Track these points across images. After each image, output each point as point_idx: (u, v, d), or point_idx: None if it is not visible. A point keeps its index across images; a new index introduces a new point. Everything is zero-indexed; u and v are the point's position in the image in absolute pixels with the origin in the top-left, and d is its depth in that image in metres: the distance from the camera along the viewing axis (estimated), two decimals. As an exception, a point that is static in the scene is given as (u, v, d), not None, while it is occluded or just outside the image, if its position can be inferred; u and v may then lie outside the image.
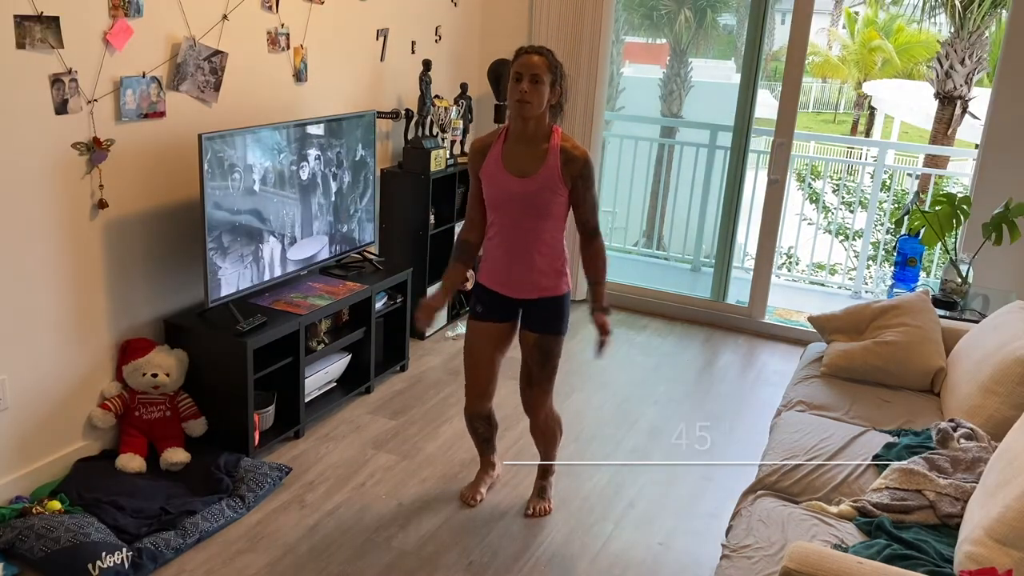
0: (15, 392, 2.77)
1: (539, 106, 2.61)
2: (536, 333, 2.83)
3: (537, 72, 2.58)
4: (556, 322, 2.83)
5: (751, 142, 4.93)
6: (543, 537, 2.88)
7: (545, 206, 2.68)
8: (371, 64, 4.20)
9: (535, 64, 2.58)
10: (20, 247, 2.70)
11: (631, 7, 10.55)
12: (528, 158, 2.67)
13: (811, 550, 1.87)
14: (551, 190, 2.66)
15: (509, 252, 2.76)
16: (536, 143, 2.67)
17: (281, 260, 3.42)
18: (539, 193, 2.66)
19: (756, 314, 4.92)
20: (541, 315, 2.82)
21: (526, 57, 2.60)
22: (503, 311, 2.86)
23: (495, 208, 2.74)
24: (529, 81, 2.58)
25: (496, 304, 2.86)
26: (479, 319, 2.89)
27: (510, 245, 2.75)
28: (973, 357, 2.91)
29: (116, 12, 2.83)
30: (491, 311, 2.86)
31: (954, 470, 2.36)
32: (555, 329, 2.83)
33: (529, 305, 2.83)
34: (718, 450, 3.56)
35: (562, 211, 2.74)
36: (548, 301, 2.81)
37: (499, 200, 2.72)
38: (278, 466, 3.10)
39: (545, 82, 2.60)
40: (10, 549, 2.53)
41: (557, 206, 2.70)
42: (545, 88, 2.60)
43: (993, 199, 4.08)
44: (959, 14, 9.56)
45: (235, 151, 3.08)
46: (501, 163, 2.69)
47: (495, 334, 2.89)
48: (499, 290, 2.82)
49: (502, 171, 2.69)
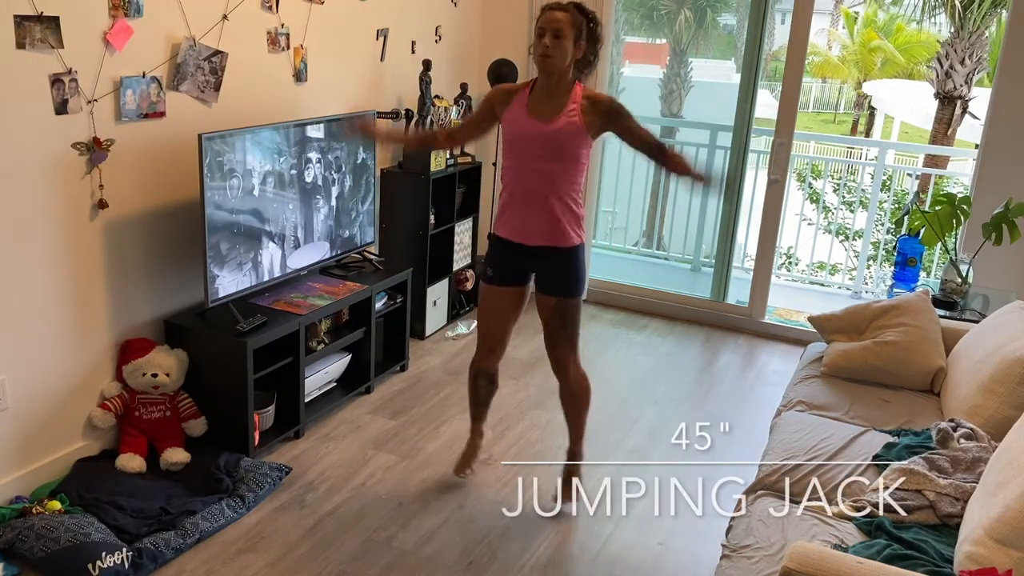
0: (15, 392, 2.77)
1: (561, 61, 2.66)
2: (553, 297, 2.87)
3: (559, 27, 2.63)
4: (571, 282, 2.86)
5: (751, 142, 4.93)
6: (543, 537, 2.88)
7: (562, 148, 2.72)
8: (371, 64, 4.20)
9: (557, 19, 2.63)
10: (20, 247, 2.70)
11: (631, 7, 10.54)
12: (549, 106, 2.73)
13: (811, 550, 1.87)
14: (570, 133, 2.70)
15: (525, 196, 2.80)
16: (559, 95, 2.72)
17: (281, 265, 3.41)
18: (558, 133, 2.70)
19: (756, 314, 4.92)
20: (555, 275, 2.85)
21: (549, 13, 2.65)
22: (515, 272, 2.91)
23: (514, 150, 2.79)
24: (552, 36, 2.63)
25: (508, 262, 2.90)
26: (491, 283, 2.94)
27: (526, 189, 2.79)
28: (973, 357, 2.91)
29: (116, 12, 2.83)
30: (501, 274, 2.92)
31: (954, 470, 2.36)
32: (572, 292, 2.87)
33: (540, 261, 2.85)
34: (718, 450, 3.55)
35: (580, 157, 2.77)
36: (562, 254, 2.82)
37: (519, 140, 2.77)
38: (278, 466, 3.09)
39: (568, 37, 2.64)
40: (10, 549, 2.53)
41: (574, 148, 2.73)
42: (568, 43, 2.65)
43: (993, 199, 4.08)
44: (959, 14, 9.56)
45: (235, 151, 3.08)
46: (526, 108, 2.76)
47: (507, 298, 2.94)
48: (513, 237, 2.84)
49: (525, 114, 2.75)
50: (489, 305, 2.98)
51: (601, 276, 5.17)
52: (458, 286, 4.78)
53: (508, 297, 2.94)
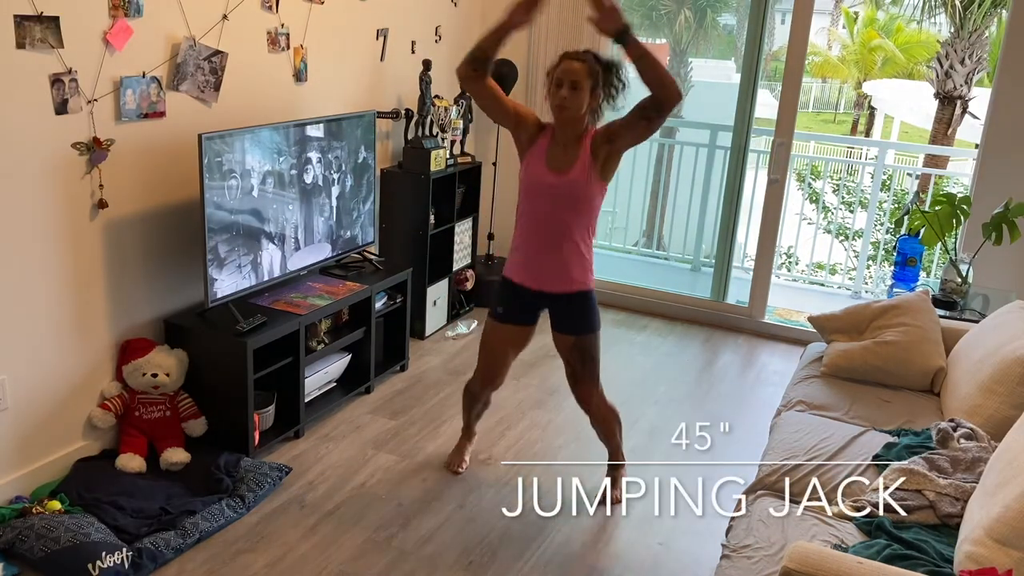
0: (15, 392, 2.77)
1: (577, 111, 2.71)
2: (572, 336, 2.93)
3: (576, 79, 2.67)
4: (588, 321, 2.92)
5: (751, 142, 4.93)
6: (543, 537, 2.88)
7: (576, 199, 2.77)
8: (371, 64, 4.20)
9: (575, 71, 2.67)
10: (20, 247, 2.70)
11: (631, 7, 10.54)
12: (565, 156, 2.78)
13: (811, 550, 1.87)
14: (584, 182, 2.76)
15: (538, 244, 2.85)
16: (574, 143, 2.77)
17: (281, 265, 3.41)
18: (573, 184, 2.75)
19: (756, 314, 4.92)
20: (571, 316, 2.91)
21: (567, 63, 2.70)
22: (524, 313, 2.96)
23: (529, 197, 2.85)
24: (568, 87, 2.67)
25: (518, 304, 2.95)
26: (499, 320, 2.99)
27: (540, 237, 2.85)
28: (973, 357, 2.91)
29: (116, 12, 2.83)
30: (511, 313, 2.97)
31: (954, 470, 2.36)
32: (589, 328, 2.92)
33: (555, 304, 2.90)
34: (718, 450, 3.55)
35: (594, 205, 2.83)
36: (575, 298, 2.88)
37: (533, 190, 2.83)
38: (278, 466, 3.09)
39: (585, 88, 2.68)
40: (10, 549, 2.53)
41: (589, 198, 2.79)
42: (584, 94, 2.69)
43: (993, 199, 4.08)
44: (959, 14, 9.56)
45: (235, 151, 3.08)
46: (543, 157, 2.80)
47: (512, 337, 3.01)
48: (525, 283, 2.89)
49: (542, 164, 2.80)
50: (494, 340, 3.04)
51: (601, 276, 5.12)
52: (458, 286, 4.78)
53: (514, 335, 3.01)
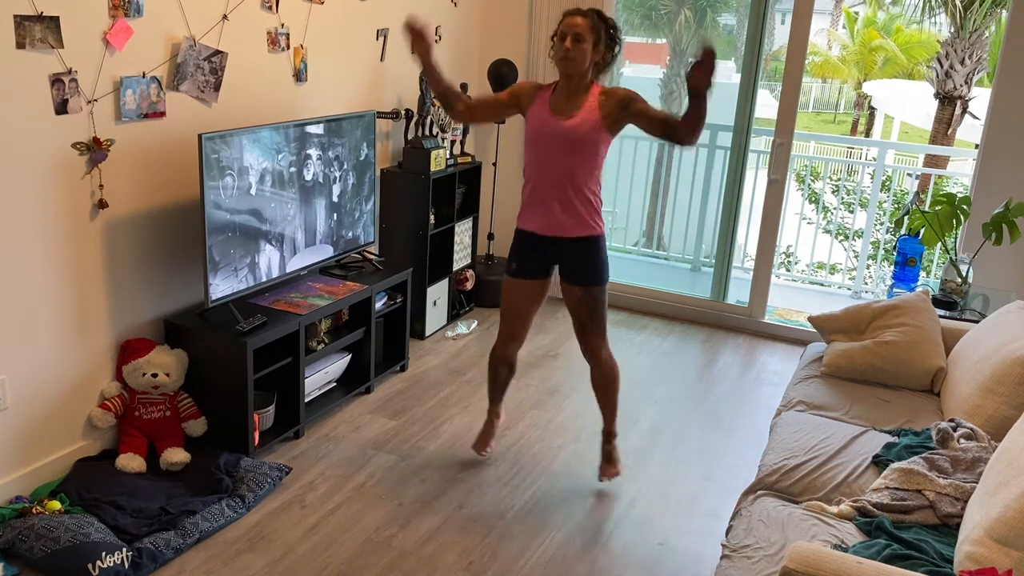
0: (15, 392, 2.77)
1: (581, 63, 2.81)
2: (580, 287, 3.00)
3: (579, 31, 2.78)
4: (596, 272, 3.00)
5: (751, 142, 4.93)
6: (543, 537, 2.88)
7: (581, 143, 2.85)
8: (371, 64, 4.20)
9: (577, 24, 2.78)
10: (20, 247, 2.70)
11: (631, 7, 10.54)
12: (569, 104, 2.87)
13: (811, 550, 1.87)
14: (589, 127, 2.84)
15: (545, 189, 2.93)
16: (578, 95, 2.87)
17: (281, 265, 3.41)
18: (577, 128, 2.83)
19: (756, 314, 4.92)
20: (580, 265, 2.99)
21: (570, 18, 2.81)
22: (538, 265, 3.04)
23: (536, 145, 2.92)
24: (572, 40, 2.78)
25: (532, 255, 3.03)
26: (514, 276, 3.08)
27: (547, 182, 2.92)
28: (973, 357, 2.91)
29: (116, 12, 2.83)
30: (525, 268, 3.05)
31: (954, 470, 2.36)
32: (597, 280, 3.00)
33: (564, 252, 2.98)
34: (718, 450, 3.56)
35: (598, 151, 2.90)
36: (585, 244, 2.96)
37: (540, 136, 2.90)
38: (278, 466, 3.10)
39: (587, 40, 2.79)
40: (10, 549, 2.53)
41: (593, 143, 2.86)
42: (587, 46, 2.79)
43: (993, 199, 4.09)
44: (959, 14, 9.56)
45: (235, 151, 3.08)
46: (548, 106, 2.90)
47: (529, 290, 3.08)
48: (536, 230, 2.98)
49: (547, 112, 2.89)
50: (512, 297, 3.11)
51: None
52: (458, 286, 4.78)
53: (531, 290, 3.08)
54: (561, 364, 4.28)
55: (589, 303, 3.02)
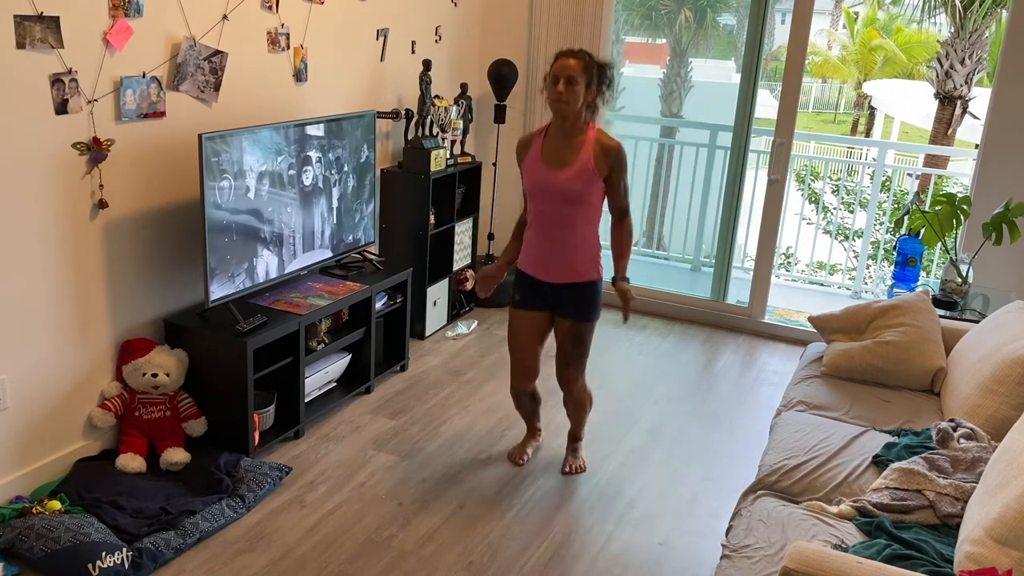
0: (15, 392, 2.77)
1: (575, 105, 2.84)
2: (570, 320, 3.07)
3: (572, 74, 2.81)
4: (588, 309, 3.06)
5: (751, 142, 4.93)
6: (543, 537, 2.88)
7: (579, 195, 2.90)
8: (371, 64, 4.20)
9: (571, 67, 2.81)
10: (20, 247, 2.70)
11: (631, 7, 10.54)
12: (565, 151, 2.91)
13: (811, 550, 1.87)
14: (585, 180, 2.88)
15: (545, 239, 2.99)
16: (572, 138, 2.91)
17: (281, 265, 3.41)
18: (573, 182, 2.88)
19: (756, 314, 4.92)
20: (574, 302, 3.05)
21: (563, 60, 2.83)
22: (539, 300, 3.09)
23: (533, 197, 2.97)
24: (565, 83, 2.81)
25: (533, 292, 3.08)
26: (518, 307, 3.13)
27: (546, 232, 2.98)
28: (973, 357, 2.91)
29: (116, 12, 2.83)
30: (528, 300, 3.10)
31: (954, 470, 2.36)
32: (587, 317, 3.07)
33: (562, 292, 3.04)
34: (718, 450, 3.56)
35: (596, 200, 2.96)
36: (581, 287, 3.03)
37: (536, 189, 2.95)
38: (278, 466, 3.10)
39: (580, 83, 2.82)
40: (10, 549, 2.53)
41: (590, 195, 2.92)
42: (580, 89, 2.83)
43: (993, 199, 4.09)
44: (959, 14, 9.55)
45: (235, 151, 3.08)
46: (540, 157, 2.94)
47: (533, 322, 3.12)
48: (535, 275, 3.05)
49: (540, 163, 2.93)
50: (518, 329, 3.15)
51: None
52: (458, 286, 4.76)
53: (535, 320, 3.12)
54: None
55: (575, 336, 3.08)
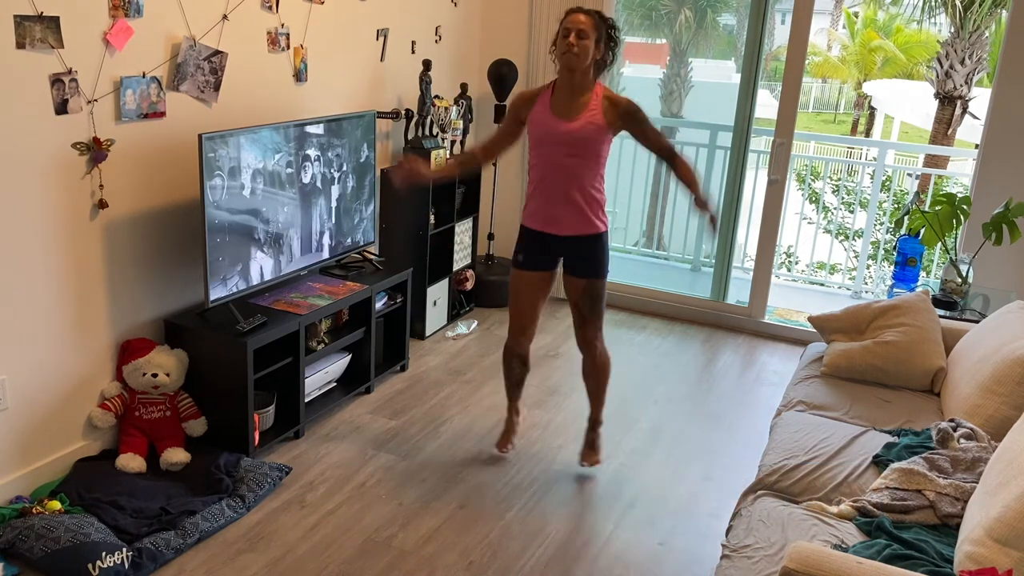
0: (15, 392, 2.77)
1: (584, 59, 2.88)
2: (582, 279, 3.09)
3: (583, 28, 2.86)
4: (598, 265, 3.09)
5: (751, 142, 4.93)
6: (543, 537, 2.88)
7: (584, 144, 2.93)
8: (371, 64, 4.20)
9: (581, 21, 2.87)
10: (20, 247, 2.70)
11: (631, 7, 10.54)
12: (573, 105, 2.94)
13: (811, 550, 1.87)
14: (592, 129, 2.92)
15: (550, 190, 3.01)
16: (580, 93, 2.94)
17: (281, 265, 3.41)
18: (580, 131, 2.91)
19: (756, 314, 4.92)
20: (583, 259, 3.08)
21: (574, 15, 2.89)
22: (543, 258, 3.12)
23: (539, 148, 2.99)
24: (576, 35, 2.86)
25: (537, 250, 3.10)
26: (520, 267, 3.15)
27: (552, 183, 3.00)
28: (973, 357, 2.91)
29: (116, 12, 2.83)
30: (532, 260, 3.12)
31: (954, 470, 2.36)
32: (598, 273, 3.09)
33: (569, 248, 3.07)
34: (718, 450, 3.55)
35: (601, 153, 2.99)
36: (589, 241, 3.05)
37: (544, 139, 2.97)
38: (278, 466, 3.10)
39: (591, 38, 2.87)
40: (10, 549, 2.53)
41: (597, 145, 2.95)
42: (590, 43, 2.87)
43: (993, 199, 4.09)
44: (959, 14, 9.55)
45: (235, 151, 3.08)
46: (549, 109, 2.97)
47: (535, 282, 3.15)
48: (541, 228, 3.06)
49: (549, 114, 2.96)
50: (519, 289, 3.18)
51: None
52: (458, 286, 4.78)
53: (537, 281, 3.15)
54: (561, 364, 4.28)
55: (590, 295, 3.10)
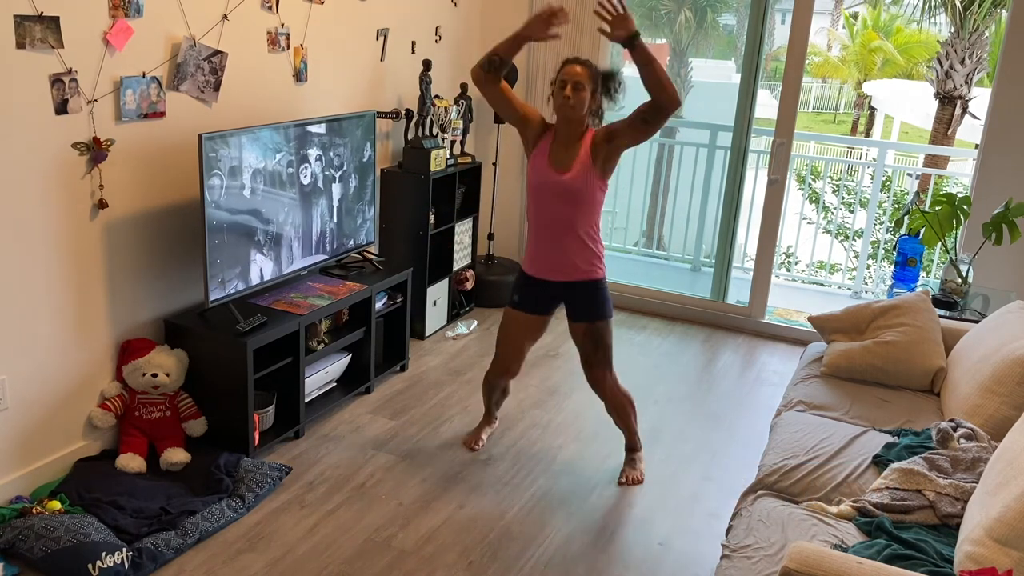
0: (15, 392, 2.77)
1: (580, 110, 2.91)
2: (584, 323, 3.10)
3: (579, 80, 2.89)
4: (600, 308, 3.08)
5: (751, 142, 4.93)
6: (543, 537, 2.88)
7: (578, 194, 2.94)
8: (371, 64, 4.20)
9: (578, 73, 2.89)
10: (20, 247, 2.70)
11: (631, 7, 10.56)
12: (566, 155, 2.96)
13: (811, 550, 1.87)
14: (584, 179, 2.93)
15: (545, 239, 3.03)
16: (575, 142, 2.96)
17: (281, 265, 3.41)
18: (573, 182, 2.93)
19: (756, 314, 4.92)
20: (584, 304, 3.08)
21: (570, 67, 2.92)
22: (539, 303, 3.14)
23: (536, 195, 3.01)
24: (572, 88, 2.88)
25: (533, 294, 3.13)
26: (514, 308, 3.18)
27: (546, 232, 3.02)
28: (973, 357, 2.91)
29: (116, 12, 2.83)
30: (527, 302, 3.15)
31: (954, 470, 2.36)
32: (601, 315, 3.09)
33: (567, 294, 3.08)
34: (718, 450, 3.56)
35: (595, 201, 2.99)
36: (586, 287, 3.06)
37: (540, 187, 2.99)
38: (278, 466, 3.10)
39: (587, 89, 2.89)
40: (10, 549, 2.53)
41: (590, 194, 2.96)
42: (586, 95, 2.90)
43: (993, 199, 4.09)
44: (959, 14, 9.55)
45: (235, 151, 3.08)
46: (547, 158, 2.98)
47: (527, 324, 3.18)
48: (539, 275, 3.08)
49: (545, 163, 2.98)
50: (511, 328, 3.20)
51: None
52: (458, 286, 4.78)
53: (530, 323, 3.18)
54: (561, 364, 4.28)
55: (593, 337, 3.10)
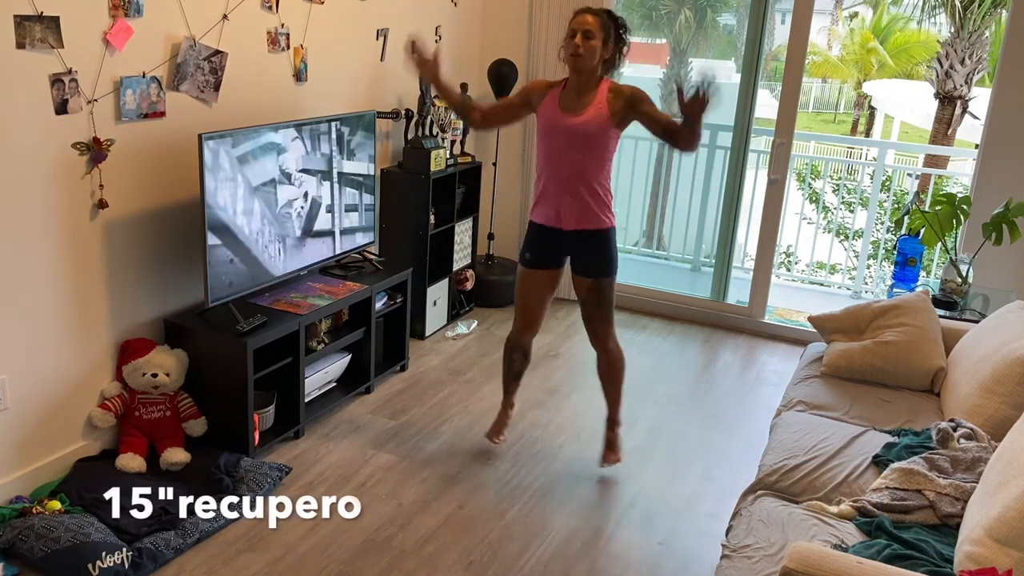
0: (15, 392, 2.77)
1: (591, 60, 2.90)
2: (589, 278, 3.11)
3: (590, 29, 2.89)
4: (605, 263, 3.10)
5: (751, 142, 4.93)
6: (543, 537, 2.88)
7: (591, 139, 2.94)
8: (371, 64, 4.20)
9: (588, 22, 2.89)
10: (20, 247, 2.70)
11: (631, 7, 10.53)
12: (579, 102, 2.96)
13: (811, 550, 1.87)
14: (598, 123, 2.93)
15: (556, 183, 3.02)
16: (588, 91, 2.95)
17: (281, 265, 3.41)
18: (586, 125, 2.92)
19: (756, 314, 4.92)
20: (589, 257, 3.09)
21: (580, 16, 2.92)
22: (550, 257, 3.15)
23: (546, 141, 3.02)
24: (582, 36, 2.88)
25: (543, 247, 3.14)
26: (528, 266, 3.19)
27: (557, 177, 3.01)
28: (973, 357, 2.91)
29: (116, 12, 2.83)
30: (538, 258, 3.16)
31: (954, 470, 2.36)
32: (605, 272, 3.12)
33: (575, 244, 3.08)
34: (718, 450, 3.55)
35: (608, 147, 2.99)
36: (595, 237, 3.05)
37: (550, 131, 3.00)
38: (278, 466, 3.10)
39: (598, 38, 2.90)
40: (10, 549, 2.53)
41: (602, 139, 2.95)
42: (597, 44, 2.90)
43: (993, 199, 4.08)
44: (959, 14, 9.55)
45: (235, 151, 3.08)
46: (557, 104, 2.99)
47: (542, 280, 3.20)
48: (546, 222, 3.08)
49: (557, 109, 2.98)
50: (526, 286, 3.23)
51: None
52: (458, 286, 4.78)
53: (544, 279, 3.19)
54: (561, 364, 4.28)
55: (597, 294, 3.11)
